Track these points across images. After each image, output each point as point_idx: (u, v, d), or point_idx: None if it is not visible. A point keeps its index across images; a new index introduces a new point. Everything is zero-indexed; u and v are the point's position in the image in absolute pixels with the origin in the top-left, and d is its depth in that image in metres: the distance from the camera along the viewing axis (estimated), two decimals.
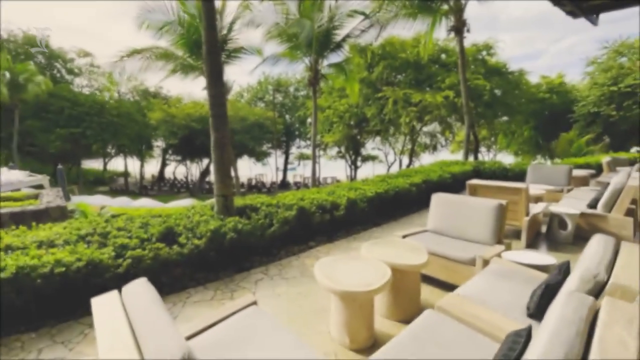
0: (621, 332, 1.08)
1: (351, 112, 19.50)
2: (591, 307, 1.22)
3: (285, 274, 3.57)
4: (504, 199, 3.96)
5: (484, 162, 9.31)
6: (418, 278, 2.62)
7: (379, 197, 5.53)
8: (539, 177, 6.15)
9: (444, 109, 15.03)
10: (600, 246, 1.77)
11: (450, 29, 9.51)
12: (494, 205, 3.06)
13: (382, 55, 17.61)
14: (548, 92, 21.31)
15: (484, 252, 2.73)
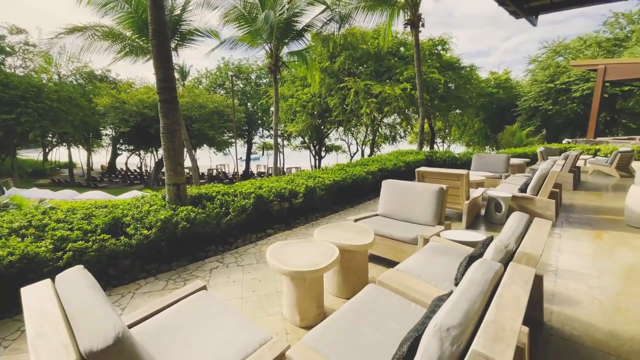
0: (517, 290, 1.28)
1: (314, 102, 19.49)
2: (497, 271, 1.42)
3: (241, 262, 3.59)
4: (448, 184, 4.29)
5: (436, 151, 9.88)
6: (365, 257, 2.79)
7: (337, 185, 5.69)
8: (481, 165, 6.71)
9: (402, 101, 15.59)
10: (515, 222, 2.03)
11: (407, 23, 9.84)
12: (435, 190, 3.32)
13: (344, 45, 17.73)
14: (496, 87, 22.97)
15: (425, 232, 2.97)
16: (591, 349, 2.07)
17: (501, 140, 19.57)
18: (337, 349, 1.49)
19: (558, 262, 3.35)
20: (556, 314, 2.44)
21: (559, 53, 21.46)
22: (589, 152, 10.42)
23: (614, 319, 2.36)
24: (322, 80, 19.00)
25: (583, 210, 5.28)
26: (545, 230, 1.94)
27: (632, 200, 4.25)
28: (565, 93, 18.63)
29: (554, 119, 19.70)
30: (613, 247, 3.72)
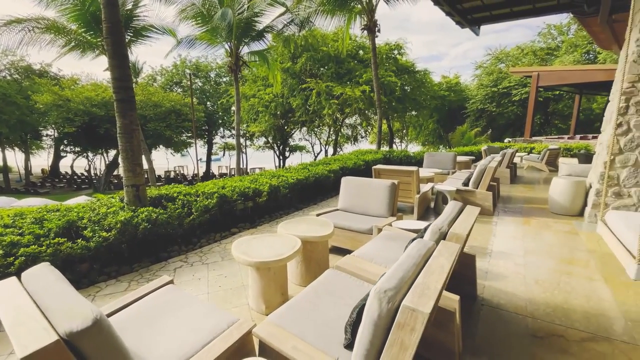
0: (443, 260, 1.56)
1: (277, 102, 19.50)
2: (430, 248, 1.71)
3: (206, 260, 3.64)
4: (400, 180, 4.68)
5: (393, 150, 10.48)
6: (326, 248, 3.01)
7: (301, 183, 5.89)
8: (432, 162, 7.30)
9: (362, 103, 16.18)
10: (449, 209, 2.37)
11: (363, 28, 10.30)
12: (388, 185, 3.65)
13: (305, 47, 17.99)
14: (447, 91, 24.62)
15: (379, 223, 3.28)
16: (513, 313, 2.47)
17: (452, 140, 21.07)
18: (298, 324, 1.68)
19: (493, 245, 3.84)
20: (488, 288, 2.85)
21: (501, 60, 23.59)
22: (526, 150, 11.69)
23: (533, 289, 2.82)
24: (285, 81, 19.08)
25: (517, 200, 6.01)
26: (473, 215, 2.30)
27: (554, 191, 4.96)
28: (507, 97, 20.55)
29: (498, 120, 21.63)
30: (538, 231, 4.33)
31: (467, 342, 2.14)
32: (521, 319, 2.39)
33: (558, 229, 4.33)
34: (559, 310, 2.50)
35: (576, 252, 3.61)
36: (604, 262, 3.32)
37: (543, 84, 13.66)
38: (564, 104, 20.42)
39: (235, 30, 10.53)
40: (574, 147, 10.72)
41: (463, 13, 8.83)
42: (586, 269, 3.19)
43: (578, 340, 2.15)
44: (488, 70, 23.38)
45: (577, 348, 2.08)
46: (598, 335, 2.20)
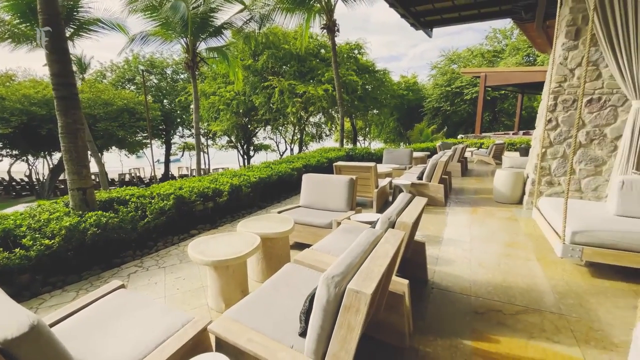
0: (387, 246, 1.68)
1: (239, 100, 19.08)
2: (378, 236, 1.83)
3: (163, 264, 3.52)
4: (360, 176, 4.84)
5: (355, 148, 10.75)
6: (287, 244, 3.06)
7: (263, 182, 5.86)
8: (390, 158, 7.63)
9: (324, 101, 16.36)
10: (399, 200, 2.53)
11: (323, 27, 10.43)
12: (346, 180, 3.77)
13: (266, 44, 17.79)
14: (406, 90, 25.67)
15: (338, 217, 3.39)
16: (459, 294, 2.70)
17: (411, 137, 22.05)
18: (256, 317, 1.72)
19: (444, 233, 4.13)
20: (438, 272, 3.08)
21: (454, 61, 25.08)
22: (476, 145, 12.58)
23: (477, 271, 3.09)
24: (246, 78, 18.73)
25: (467, 192, 6.48)
26: (419, 206, 2.47)
27: (497, 182, 5.42)
28: (460, 96, 21.91)
29: (452, 118, 23.00)
30: (483, 218, 4.72)
31: (418, 323, 2.31)
32: (465, 299, 2.62)
33: (501, 216, 4.76)
34: (499, 288, 2.77)
35: (515, 236, 4.00)
36: (538, 243, 3.72)
37: (490, 84, 14.76)
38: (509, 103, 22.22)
39: (190, 25, 10.15)
40: (517, 142, 11.75)
41: (416, 16, 9.27)
42: (523, 251, 3.55)
43: (513, 314, 2.41)
44: (442, 70, 24.75)
45: (512, 320, 2.33)
46: (530, 308, 2.48)
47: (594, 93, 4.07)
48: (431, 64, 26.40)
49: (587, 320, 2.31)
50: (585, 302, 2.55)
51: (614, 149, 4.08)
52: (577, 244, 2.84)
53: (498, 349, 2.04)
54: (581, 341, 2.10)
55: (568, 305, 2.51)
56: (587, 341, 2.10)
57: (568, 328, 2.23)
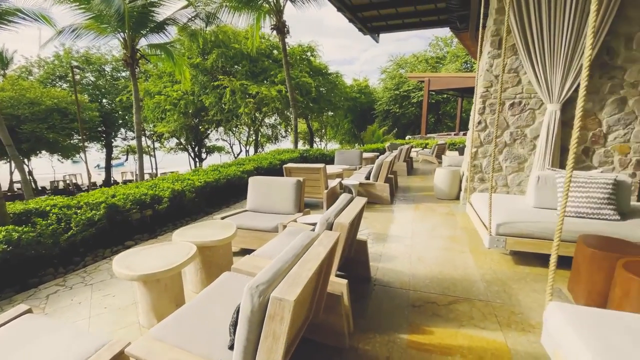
0: (319, 249, 1.68)
1: (187, 100, 18.13)
2: (314, 238, 1.82)
3: (90, 281, 3.18)
4: (310, 177, 4.84)
5: (309, 149, 10.79)
6: (228, 251, 2.94)
7: (210, 186, 5.60)
8: (342, 159, 7.78)
9: (278, 102, 16.21)
10: (339, 201, 2.56)
11: (273, 28, 10.33)
12: (293, 182, 3.74)
13: (215, 43, 17.15)
14: (358, 93, 26.47)
15: (284, 220, 3.34)
16: (399, 289, 2.80)
17: (364, 138, 22.78)
18: (183, 334, 1.60)
19: (389, 230, 4.29)
20: (381, 269, 3.17)
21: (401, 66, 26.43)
22: (421, 146, 13.36)
23: (416, 266, 3.24)
24: (195, 77, 17.88)
25: (411, 190, 6.82)
26: (359, 206, 2.52)
27: (437, 180, 5.78)
28: (407, 99, 23.13)
29: (401, 120, 24.20)
30: (424, 214, 4.99)
31: (359, 322, 2.34)
32: (404, 293, 2.73)
33: (440, 212, 5.08)
34: (435, 281, 2.93)
35: (452, 230, 4.28)
36: (471, 236, 4.03)
37: (433, 88, 15.78)
38: (451, 106, 23.99)
39: (128, 19, 9.41)
40: (457, 142, 12.71)
41: (363, 21, 9.57)
42: (458, 244, 3.81)
43: (446, 304, 2.56)
44: (391, 75, 25.94)
45: (445, 310, 2.47)
46: (461, 298, 2.65)
47: (515, 97, 4.52)
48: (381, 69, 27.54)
49: (509, 305, 2.53)
50: (509, 288, 2.80)
51: (533, 148, 4.57)
52: (501, 234, 3.11)
53: (431, 339, 2.15)
54: (504, 325, 2.29)
55: (494, 292, 2.73)
56: (509, 325, 2.30)
57: (493, 314, 2.42)
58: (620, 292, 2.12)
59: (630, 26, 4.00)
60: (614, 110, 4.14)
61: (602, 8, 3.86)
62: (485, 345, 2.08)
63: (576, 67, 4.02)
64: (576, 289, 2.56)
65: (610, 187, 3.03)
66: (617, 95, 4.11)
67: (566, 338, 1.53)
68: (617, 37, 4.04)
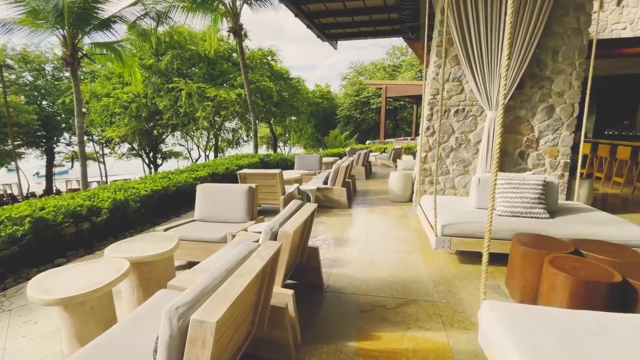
0: (256, 261, 1.59)
1: (139, 103, 17.05)
2: (252, 249, 1.73)
3: (9, 306, 2.80)
4: (266, 183, 4.73)
5: (270, 154, 10.63)
6: (169, 266, 2.74)
7: (157, 194, 5.25)
8: (302, 164, 7.75)
9: (238, 106, 15.84)
10: (287, 208, 2.49)
11: (229, 30, 10.08)
12: (245, 189, 3.61)
13: (170, 44, 16.40)
14: (321, 98, 26.71)
15: (234, 229, 3.20)
16: (350, 294, 2.79)
17: (327, 143, 23.03)
18: None
19: (344, 235, 4.30)
20: (334, 275, 3.15)
21: (361, 73, 27.18)
22: (380, 150, 13.76)
23: (369, 269, 3.26)
24: (147, 79, 16.91)
25: (369, 193, 6.96)
26: (307, 212, 2.48)
27: (392, 183, 5.95)
28: (367, 105, 23.79)
29: (362, 125, 24.82)
30: (380, 217, 5.09)
31: (308, 332, 2.28)
32: (355, 298, 2.72)
33: (394, 214, 5.21)
34: (385, 284, 2.96)
35: (404, 232, 4.40)
36: (421, 237, 4.16)
37: (391, 95, 16.38)
38: (407, 112, 25.07)
39: (67, 15, 8.65)
40: (413, 146, 13.26)
41: (321, 27, 9.67)
42: (409, 245, 3.92)
43: (394, 307, 2.59)
44: (351, 81, 26.57)
45: (393, 314, 2.50)
46: (409, 299, 2.70)
47: (459, 105, 4.79)
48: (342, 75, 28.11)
49: (453, 304, 2.63)
50: (453, 287, 2.91)
51: (477, 152, 4.86)
52: (446, 235, 3.24)
53: (378, 345, 2.14)
54: (447, 325, 2.36)
55: (439, 292, 2.82)
56: (452, 324, 2.37)
57: (438, 314, 2.49)
58: (547, 286, 2.28)
59: (556, 41, 4.42)
60: (544, 117, 4.54)
61: (532, 24, 4.23)
62: (429, 347, 2.12)
63: (511, 77, 4.36)
64: (512, 285, 2.72)
65: (540, 188, 3.29)
66: (547, 103, 4.52)
67: (497, 336, 1.59)
68: (546, 50, 4.45)
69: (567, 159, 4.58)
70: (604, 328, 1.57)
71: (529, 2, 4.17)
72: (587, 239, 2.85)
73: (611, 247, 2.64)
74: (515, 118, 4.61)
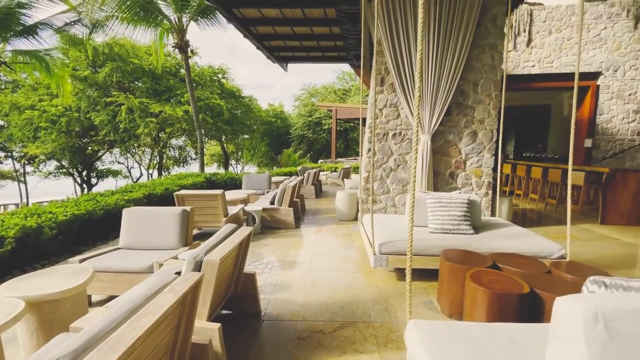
0: (168, 296, 1.46)
1: (70, 117, 15.50)
2: (167, 283, 1.59)
3: None
4: (206, 205, 4.50)
5: (217, 173, 10.23)
6: (80, 304, 2.40)
7: (80, 219, 4.70)
8: (250, 184, 7.56)
9: (184, 123, 15.19)
10: (218, 233, 2.37)
11: (175, 46, 9.78)
12: (178, 212, 3.39)
13: (110, 55, 15.38)
14: (274, 117, 26.85)
15: (162, 257, 2.95)
16: (288, 321, 2.70)
17: (281, 161, 22.96)
18: None
19: (288, 256, 4.21)
20: (273, 301, 3.03)
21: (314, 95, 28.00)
22: (331, 169, 14.07)
23: (309, 293, 3.21)
24: (82, 92, 15.55)
25: (318, 212, 6.99)
26: (240, 237, 2.38)
27: (338, 202, 6.06)
28: (320, 126, 24.42)
29: (315, 145, 25.32)
30: (326, 237, 5.11)
31: None
32: (293, 325, 2.64)
33: (340, 233, 5.28)
34: (324, 307, 2.92)
35: (348, 251, 4.45)
36: (364, 256, 4.23)
37: (341, 117, 17.05)
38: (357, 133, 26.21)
39: None
40: None
41: (271, 50, 9.82)
42: (352, 264, 3.95)
43: (332, 331, 2.55)
44: (304, 102, 27.21)
45: (330, 338, 2.45)
46: (347, 322, 2.69)
47: (396, 128, 5.11)
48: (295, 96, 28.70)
49: (388, 324, 2.67)
50: (390, 305, 2.97)
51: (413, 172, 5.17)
52: (384, 254, 3.34)
53: None
54: (381, 345, 2.38)
55: (377, 311, 2.86)
56: (386, 344, 2.39)
57: (373, 335, 2.50)
58: (470, 301, 2.43)
59: (475, 75, 4.98)
60: (469, 141, 5.02)
61: (455, 59, 4.73)
62: None
63: (440, 105, 4.78)
64: (442, 300, 2.86)
65: (465, 206, 3.58)
66: (471, 129, 5.02)
67: (419, 356, 1.63)
68: (467, 82, 4.98)
69: (490, 179, 5.07)
70: (512, 339, 1.69)
71: (452, 40, 4.68)
72: (504, 252, 3.13)
73: (523, 259, 2.93)
74: (445, 142, 5.03)
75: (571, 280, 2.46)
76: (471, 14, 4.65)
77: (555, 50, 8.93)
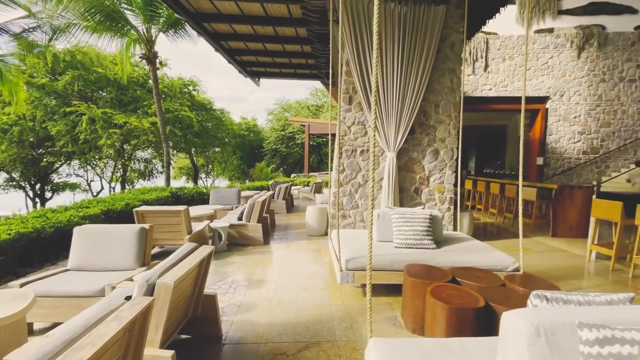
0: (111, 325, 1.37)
1: (24, 127, 14.44)
2: (113, 309, 1.49)
3: None
4: (168, 221, 4.31)
5: (184, 188, 9.87)
6: (19, 333, 2.18)
7: (27, 238, 4.31)
8: (217, 198, 7.36)
9: (151, 135, 14.65)
10: (175, 254, 2.27)
11: (142, 57, 9.54)
12: (135, 230, 3.21)
13: (71, 63, 14.66)
14: (247, 131, 26.60)
15: (115, 279, 2.76)
16: (250, 344, 2.60)
17: (254, 175, 22.66)
18: None
19: (254, 275, 4.11)
20: (236, 322, 2.92)
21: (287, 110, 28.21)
22: (304, 184, 14.07)
23: (275, 312, 3.13)
24: (38, 100, 14.61)
25: (289, 227, 6.92)
26: (199, 257, 2.29)
27: (308, 217, 6.05)
28: (293, 140, 24.51)
29: (288, 159, 25.29)
30: (295, 253, 5.05)
31: None
32: (255, 348, 2.55)
33: (309, 249, 5.24)
34: (289, 327, 2.86)
35: (317, 267, 4.42)
36: (332, 273, 4.22)
37: (313, 132, 17.25)
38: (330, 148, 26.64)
39: None
40: None
41: (242, 64, 9.84)
42: (319, 281, 3.92)
43: (295, 353, 2.49)
44: (277, 117, 27.30)
45: None
46: (311, 342, 2.64)
47: (364, 145, 5.25)
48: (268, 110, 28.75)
49: (353, 342, 2.65)
50: (355, 322, 2.96)
51: (380, 188, 5.31)
52: (350, 270, 3.35)
53: None
54: None
55: (342, 329, 2.83)
56: None
57: (337, 354, 2.48)
58: (430, 316, 2.48)
59: (436, 96, 5.27)
60: (431, 159, 5.26)
61: (417, 81, 5.00)
62: None
63: (404, 124, 4.99)
64: (405, 315, 2.90)
65: (428, 221, 3.71)
66: (433, 147, 5.26)
67: None
68: (429, 103, 5.26)
69: (451, 194, 5.31)
70: (467, 354, 1.74)
71: (415, 63, 4.95)
72: (463, 266, 3.26)
73: (481, 273, 3.07)
74: (410, 159, 5.24)
75: (522, 293, 2.59)
76: (432, 41, 4.96)
77: (509, 75, 9.72)
